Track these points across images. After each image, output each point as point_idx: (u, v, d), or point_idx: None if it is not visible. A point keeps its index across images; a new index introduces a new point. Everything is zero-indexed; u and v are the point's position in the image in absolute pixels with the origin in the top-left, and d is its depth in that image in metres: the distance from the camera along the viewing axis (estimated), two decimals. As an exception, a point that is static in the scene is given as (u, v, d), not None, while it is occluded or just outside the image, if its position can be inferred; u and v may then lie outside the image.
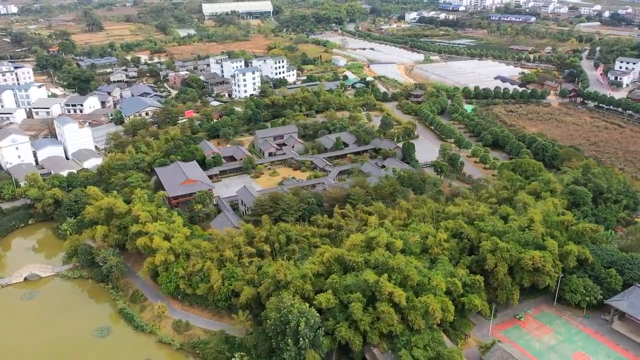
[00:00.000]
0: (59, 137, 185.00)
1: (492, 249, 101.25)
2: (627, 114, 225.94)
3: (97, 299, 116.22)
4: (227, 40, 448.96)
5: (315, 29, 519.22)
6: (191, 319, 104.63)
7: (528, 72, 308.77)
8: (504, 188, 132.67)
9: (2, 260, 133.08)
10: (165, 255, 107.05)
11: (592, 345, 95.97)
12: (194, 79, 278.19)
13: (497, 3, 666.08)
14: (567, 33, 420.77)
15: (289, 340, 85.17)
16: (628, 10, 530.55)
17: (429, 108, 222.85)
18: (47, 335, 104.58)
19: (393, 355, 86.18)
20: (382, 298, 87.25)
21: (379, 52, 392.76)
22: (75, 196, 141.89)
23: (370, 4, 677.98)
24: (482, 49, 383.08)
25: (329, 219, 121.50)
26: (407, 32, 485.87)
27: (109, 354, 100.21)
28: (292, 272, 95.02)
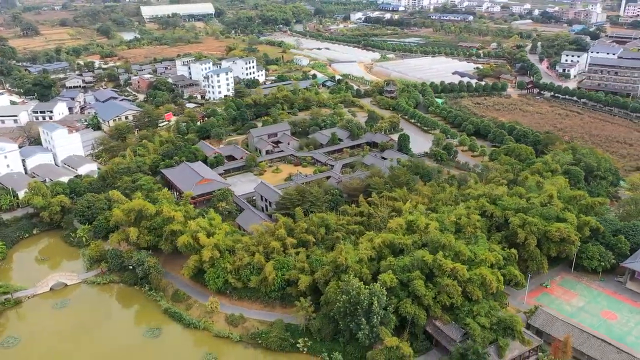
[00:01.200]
0: (45, 144, 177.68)
1: (521, 224, 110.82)
2: (581, 102, 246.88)
3: (136, 301, 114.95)
4: (178, 43, 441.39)
5: (264, 30, 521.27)
6: (243, 312, 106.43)
7: (482, 67, 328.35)
8: (506, 171, 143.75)
9: (17, 272, 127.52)
10: (212, 251, 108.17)
11: (615, 304, 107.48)
12: (161, 82, 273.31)
13: (434, 3, 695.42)
14: (507, 30, 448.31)
15: (362, 319, 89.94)
16: (555, 8, 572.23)
17: (405, 102, 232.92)
18: (98, 342, 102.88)
19: (457, 325, 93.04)
20: (444, 273, 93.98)
21: (335, 52, 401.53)
22: (87, 202, 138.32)
23: (312, 5, 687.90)
24: (434, 46, 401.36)
25: (358, 208, 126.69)
26: (356, 31, 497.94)
27: (167, 352, 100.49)
28: (350, 257, 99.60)
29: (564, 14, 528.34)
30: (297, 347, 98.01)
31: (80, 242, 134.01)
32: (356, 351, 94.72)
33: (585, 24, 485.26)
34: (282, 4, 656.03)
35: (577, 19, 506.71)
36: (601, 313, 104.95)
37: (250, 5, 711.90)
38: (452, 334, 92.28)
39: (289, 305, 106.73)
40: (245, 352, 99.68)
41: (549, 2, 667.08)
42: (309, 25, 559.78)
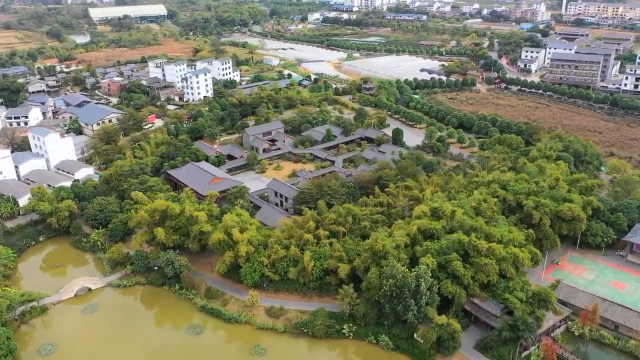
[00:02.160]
0: (34, 149, 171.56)
1: (534, 206, 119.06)
2: (547, 95, 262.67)
3: (168, 301, 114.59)
4: (138, 45, 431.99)
5: (222, 31, 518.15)
6: (282, 304, 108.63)
7: (447, 64, 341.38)
8: (504, 159, 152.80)
9: (33, 279, 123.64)
10: (247, 246, 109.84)
11: (622, 275, 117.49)
12: (135, 84, 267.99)
13: (386, 3, 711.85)
14: (463, 29, 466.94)
15: (411, 300, 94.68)
16: (503, 8, 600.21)
17: (386, 99, 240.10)
18: (140, 343, 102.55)
19: (495, 301, 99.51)
20: (479, 253, 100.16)
21: (301, 52, 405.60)
22: (99, 205, 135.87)
23: (266, 6, 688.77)
24: (396, 45, 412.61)
25: (376, 199, 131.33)
26: (316, 32, 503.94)
27: (214, 347, 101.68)
28: (388, 244, 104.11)
29: (511, 13, 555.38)
30: (342, 333, 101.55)
31: (94, 246, 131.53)
32: (402, 332, 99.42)
33: (532, 22, 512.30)
34: (236, 5, 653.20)
35: (525, 18, 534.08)
36: (611, 283, 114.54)
37: (203, 7, 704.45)
38: (492, 309, 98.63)
39: (326, 295, 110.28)
40: (292, 341, 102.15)
41: (495, 2, 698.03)
42: (266, 26, 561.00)
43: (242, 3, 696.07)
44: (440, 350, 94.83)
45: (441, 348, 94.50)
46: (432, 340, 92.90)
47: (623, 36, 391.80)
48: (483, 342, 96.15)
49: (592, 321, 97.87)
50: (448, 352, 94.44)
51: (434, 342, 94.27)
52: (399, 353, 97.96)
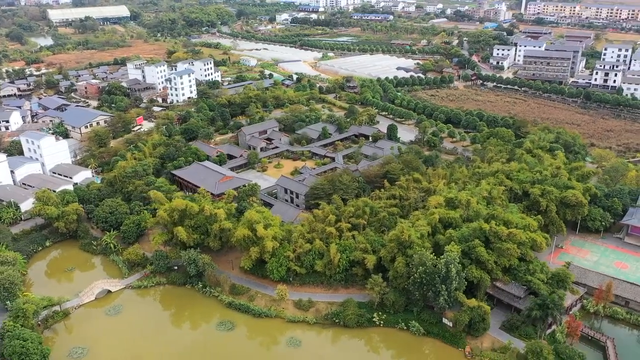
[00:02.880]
0: (28, 153, 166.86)
1: (541, 194, 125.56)
2: (522, 91, 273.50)
3: (192, 300, 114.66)
4: (107, 47, 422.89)
5: (190, 32, 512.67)
6: (309, 297, 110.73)
7: (421, 62, 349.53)
8: (500, 152, 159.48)
9: (47, 285, 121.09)
10: (273, 242, 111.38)
11: (622, 256, 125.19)
12: (116, 86, 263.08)
13: (351, 3, 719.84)
14: (431, 28, 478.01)
15: (442, 286, 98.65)
16: (466, 7, 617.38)
17: (371, 96, 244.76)
18: (172, 341, 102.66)
19: (517, 284, 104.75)
20: (501, 239, 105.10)
21: (275, 52, 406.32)
22: (109, 208, 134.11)
23: (231, 7, 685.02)
24: (368, 44, 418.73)
25: (388, 192, 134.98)
26: (286, 32, 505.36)
27: (249, 341, 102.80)
28: (413, 234, 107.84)
29: (475, 13, 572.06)
30: (373, 322, 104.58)
31: (107, 249, 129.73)
32: (431, 318, 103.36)
33: (495, 21, 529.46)
34: (201, 6, 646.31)
35: (488, 17, 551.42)
36: (614, 264, 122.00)
37: (165, 7, 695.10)
38: (515, 291, 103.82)
39: (352, 286, 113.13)
40: (324, 332, 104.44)
41: (456, 2, 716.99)
42: (235, 27, 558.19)
43: (207, 4, 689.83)
44: (471, 332, 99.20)
45: (471, 330, 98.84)
46: (464, 322, 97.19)
47: (584, 34, 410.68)
48: (509, 322, 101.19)
49: (606, 299, 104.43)
50: (478, 334, 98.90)
51: (465, 325, 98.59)
52: (430, 337, 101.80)
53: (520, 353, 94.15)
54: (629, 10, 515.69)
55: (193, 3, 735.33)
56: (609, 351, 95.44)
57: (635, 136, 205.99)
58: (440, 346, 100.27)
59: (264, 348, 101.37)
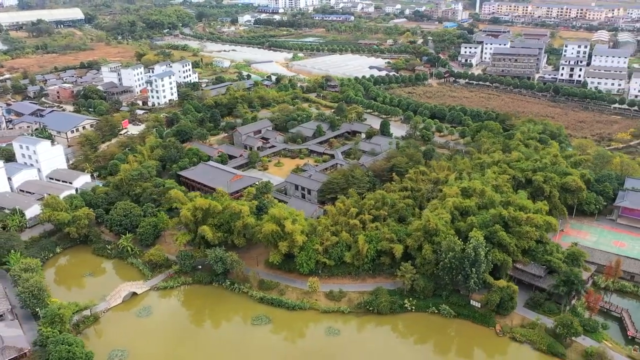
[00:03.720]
0: (22, 159, 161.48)
1: (543, 180, 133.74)
2: (493, 87, 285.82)
3: (221, 297, 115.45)
4: (68, 51, 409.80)
5: (153, 35, 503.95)
6: (339, 288, 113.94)
7: (392, 61, 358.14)
8: (493, 143, 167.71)
9: (68, 291, 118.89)
10: (302, 236, 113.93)
11: (618, 235, 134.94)
12: (92, 90, 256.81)
13: (309, 5, 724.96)
14: (395, 28, 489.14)
15: (472, 269, 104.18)
16: (423, 8, 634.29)
17: (354, 94, 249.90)
18: (211, 340, 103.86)
19: (536, 264, 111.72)
20: (519, 223, 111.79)
21: (244, 53, 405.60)
22: (123, 210, 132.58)
23: (189, 8, 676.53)
24: (337, 44, 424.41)
25: (399, 184, 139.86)
26: (252, 33, 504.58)
27: (288, 334, 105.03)
28: (439, 222, 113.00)
29: (433, 13, 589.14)
30: (405, 308, 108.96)
31: (123, 252, 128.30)
32: (459, 301, 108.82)
33: (453, 21, 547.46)
34: (159, 8, 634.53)
35: (446, 17, 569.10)
36: (613, 243, 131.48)
37: (119, 10, 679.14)
38: (535, 271, 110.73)
39: (379, 275, 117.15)
40: (359, 320, 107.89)
41: (412, 2, 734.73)
42: (197, 28, 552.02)
43: (163, 6, 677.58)
44: (499, 312, 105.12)
45: (500, 309, 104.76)
46: (495, 302, 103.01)
47: (540, 32, 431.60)
48: (532, 300, 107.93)
49: (616, 274, 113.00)
50: (507, 312, 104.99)
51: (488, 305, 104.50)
52: (460, 319, 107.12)
53: (547, 328, 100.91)
54: (577, 9, 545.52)
55: (148, 5, 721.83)
56: (626, 321, 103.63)
57: (605, 126, 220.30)
58: (471, 326, 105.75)
59: (305, 338, 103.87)
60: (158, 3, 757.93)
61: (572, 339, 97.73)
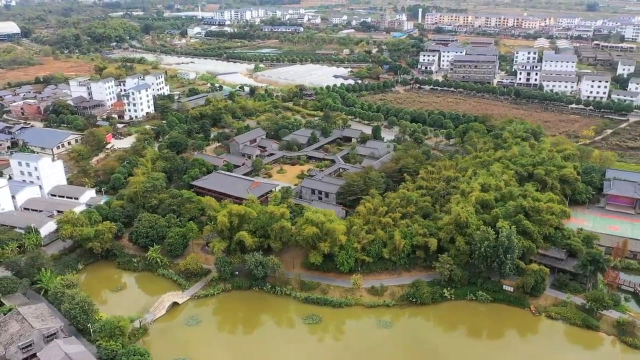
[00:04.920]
0: (20, 176, 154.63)
1: (545, 173, 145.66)
2: (457, 92, 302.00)
3: (266, 300, 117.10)
4: (16, 66, 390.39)
5: (101, 48, 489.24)
6: (380, 283, 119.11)
7: (355, 70, 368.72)
8: (485, 143, 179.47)
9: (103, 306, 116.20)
10: (343, 236, 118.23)
11: (610, 221, 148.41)
12: (62, 105, 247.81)
13: (256, 17, 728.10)
14: (348, 39, 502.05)
15: (507, 256, 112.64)
16: (369, 19, 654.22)
17: (333, 102, 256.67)
18: (270, 341, 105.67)
19: (557, 248, 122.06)
20: (539, 213, 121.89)
21: (203, 65, 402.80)
22: (148, 222, 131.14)
23: (132, 20, 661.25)
24: (295, 55, 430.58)
25: (414, 184, 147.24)
26: (205, 45, 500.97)
27: (343, 327, 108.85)
28: (467, 215, 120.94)
29: (380, 23, 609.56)
30: (445, 297, 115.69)
31: (151, 264, 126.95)
32: (493, 286, 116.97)
33: (400, 31, 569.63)
34: (104, 21, 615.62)
35: (393, 27, 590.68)
36: (608, 227, 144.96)
37: (55, 24, 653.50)
38: (557, 254, 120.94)
39: (413, 269, 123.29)
40: (405, 311, 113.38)
41: (354, 14, 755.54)
42: (146, 41, 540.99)
43: (102, 19, 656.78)
44: (532, 293, 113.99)
45: (533, 291, 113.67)
46: (531, 284, 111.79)
47: (486, 40, 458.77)
48: (558, 281, 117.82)
49: (623, 254, 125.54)
50: (538, 294, 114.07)
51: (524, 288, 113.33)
52: (496, 303, 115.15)
53: (577, 305, 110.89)
54: (513, 19, 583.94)
55: (87, 18, 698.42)
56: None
57: (568, 125, 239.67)
58: (508, 309, 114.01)
59: (360, 332, 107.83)
60: (97, 16, 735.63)
61: (601, 312, 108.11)
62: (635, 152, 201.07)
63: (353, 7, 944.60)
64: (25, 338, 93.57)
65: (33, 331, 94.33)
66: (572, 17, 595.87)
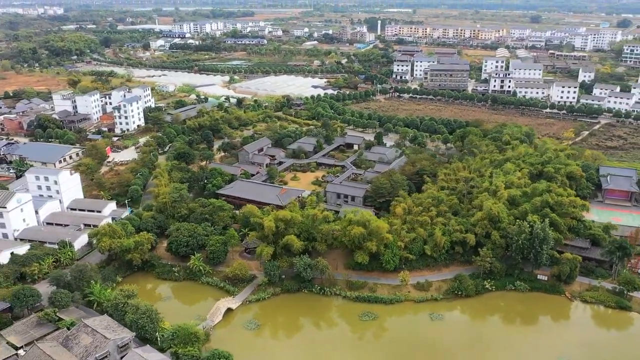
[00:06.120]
0: (37, 191, 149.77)
1: (555, 170, 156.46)
2: (436, 99, 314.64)
3: (317, 301, 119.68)
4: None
5: (63, 62, 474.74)
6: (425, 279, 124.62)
7: (331, 80, 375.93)
8: (487, 145, 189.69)
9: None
10: (388, 235, 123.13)
11: (612, 213, 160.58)
12: (47, 119, 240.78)
13: (215, 29, 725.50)
14: (315, 50, 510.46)
15: (543, 246, 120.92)
16: (329, 31, 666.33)
17: (324, 110, 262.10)
18: (332, 339, 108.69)
19: (581, 238, 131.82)
20: (562, 206, 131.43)
21: (175, 77, 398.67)
22: (187, 231, 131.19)
23: (86, 33, 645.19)
24: (269, 66, 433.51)
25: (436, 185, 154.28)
26: (172, 58, 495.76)
27: (400, 321, 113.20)
28: (499, 210, 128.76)
29: (342, 35, 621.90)
30: (486, 288, 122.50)
31: (193, 272, 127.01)
32: (528, 276, 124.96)
33: (363, 42, 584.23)
34: (56, 34, 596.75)
35: (355, 39, 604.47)
36: (611, 219, 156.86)
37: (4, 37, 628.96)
38: (582, 244, 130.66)
39: (451, 264, 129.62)
40: (453, 304, 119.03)
41: (314, 27, 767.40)
42: (108, 54, 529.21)
43: (41, 34, 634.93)
44: (566, 281, 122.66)
45: (568, 278, 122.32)
46: (566, 273, 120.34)
47: (449, 51, 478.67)
48: (585, 268, 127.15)
49: (636, 242, 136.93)
50: (571, 280, 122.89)
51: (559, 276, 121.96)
52: (533, 292, 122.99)
53: (607, 289, 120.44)
54: (470, 30, 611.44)
55: (36, 31, 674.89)
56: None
57: (547, 128, 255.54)
58: (545, 296, 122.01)
59: (417, 325, 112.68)
60: (47, 29, 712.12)
61: (631, 294, 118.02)
62: (615, 151, 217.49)
63: (308, 20, 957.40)
64: (101, 349, 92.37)
65: (108, 342, 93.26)
66: (523, 29, 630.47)
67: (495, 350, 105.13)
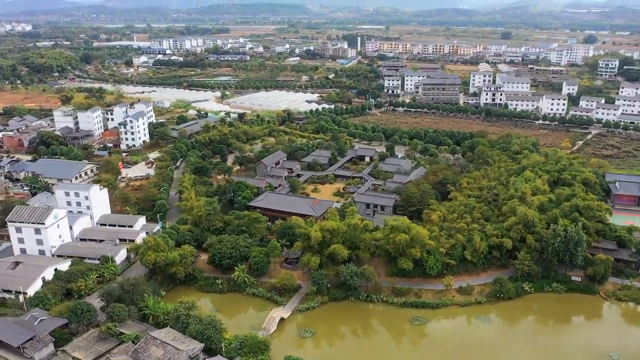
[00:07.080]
0: (66, 206, 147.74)
1: (572, 177, 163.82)
2: (431, 112, 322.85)
3: (364, 309, 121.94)
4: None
5: (45, 79, 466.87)
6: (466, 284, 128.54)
7: (324, 95, 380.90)
8: (498, 155, 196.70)
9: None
10: (430, 241, 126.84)
11: (624, 217, 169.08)
12: (50, 136, 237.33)
13: (194, 46, 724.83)
14: (302, 66, 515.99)
15: (578, 248, 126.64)
16: (310, 47, 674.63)
17: (327, 124, 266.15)
18: (387, 343, 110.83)
19: (608, 240, 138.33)
20: (590, 210, 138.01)
21: (165, 93, 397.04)
22: (230, 243, 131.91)
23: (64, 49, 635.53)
24: (259, 82, 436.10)
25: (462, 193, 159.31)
26: (158, 74, 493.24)
27: (449, 323, 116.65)
28: (534, 215, 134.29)
29: (324, 51, 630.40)
30: (526, 291, 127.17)
31: (238, 283, 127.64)
32: (563, 278, 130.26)
33: (345, 58, 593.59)
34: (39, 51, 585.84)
35: (337, 55, 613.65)
36: (625, 222, 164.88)
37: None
38: (609, 246, 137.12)
39: (489, 268, 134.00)
40: (496, 307, 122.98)
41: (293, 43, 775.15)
42: (90, 71, 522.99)
43: (15, 51, 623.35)
44: (600, 281, 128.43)
45: (602, 279, 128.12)
46: (601, 273, 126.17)
47: (433, 66, 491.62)
48: (614, 269, 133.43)
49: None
50: (604, 280, 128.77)
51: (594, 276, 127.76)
52: (569, 292, 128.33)
53: (638, 288, 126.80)
54: (449, 46, 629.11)
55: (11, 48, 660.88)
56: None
57: (543, 138, 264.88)
58: (581, 297, 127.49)
59: (468, 327, 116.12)
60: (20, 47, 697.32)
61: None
62: (612, 160, 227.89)
63: (284, 36, 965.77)
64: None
65: (181, 353, 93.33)
66: (499, 45, 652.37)
67: (549, 349, 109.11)
